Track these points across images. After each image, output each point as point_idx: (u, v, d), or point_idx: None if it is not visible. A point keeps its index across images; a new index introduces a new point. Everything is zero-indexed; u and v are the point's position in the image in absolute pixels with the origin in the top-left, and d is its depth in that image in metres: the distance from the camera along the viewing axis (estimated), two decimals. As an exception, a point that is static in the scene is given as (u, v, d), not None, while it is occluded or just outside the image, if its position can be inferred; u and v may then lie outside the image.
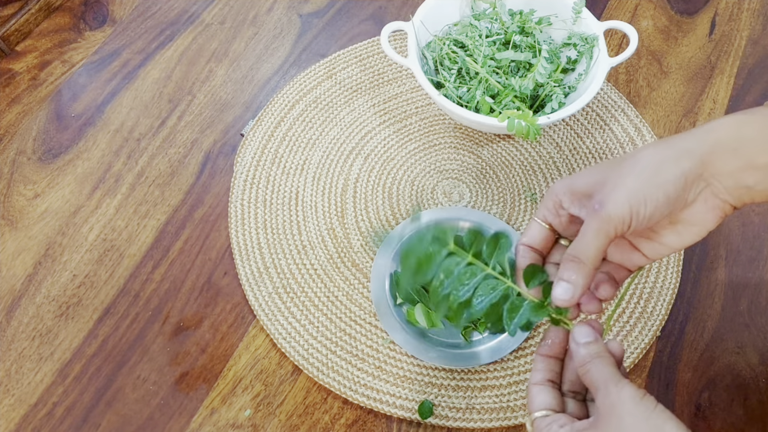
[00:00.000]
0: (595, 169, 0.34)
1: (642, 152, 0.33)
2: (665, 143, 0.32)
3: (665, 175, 0.31)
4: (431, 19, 0.69)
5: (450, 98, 0.66)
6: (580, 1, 0.67)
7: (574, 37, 0.68)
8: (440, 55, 0.69)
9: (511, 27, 0.69)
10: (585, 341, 0.34)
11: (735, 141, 0.31)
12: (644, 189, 0.31)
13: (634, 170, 0.32)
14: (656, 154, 0.32)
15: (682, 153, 0.31)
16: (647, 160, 0.31)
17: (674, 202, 0.31)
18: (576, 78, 0.68)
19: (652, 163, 0.31)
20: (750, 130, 0.31)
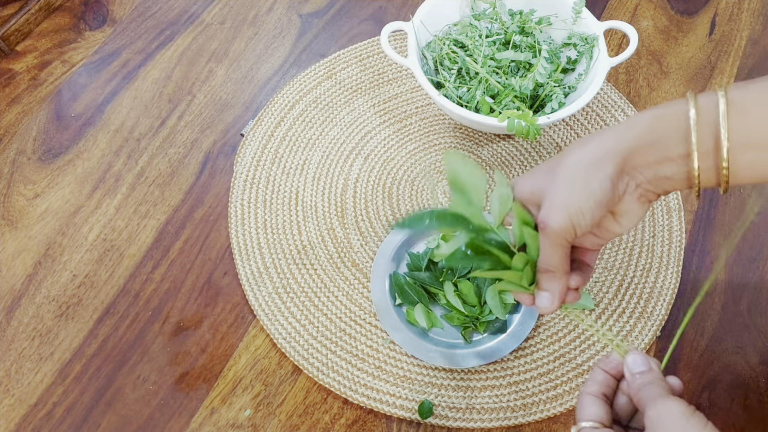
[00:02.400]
0: (533, 175, 0.37)
1: (569, 158, 0.35)
2: (588, 146, 0.35)
3: (593, 183, 0.34)
4: (431, 19, 0.69)
5: (450, 98, 0.66)
6: (580, 1, 0.67)
7: (574, 37, 0.68)
8: (440, 55, 0.69)
9: (511, 27, 0.69)
10: (639, 371, 0.36)
11: (652, 136, 0.33)
12: (578, 201, 0.34)
13: (565, 183, 0.35)
14: (581, 161, 0.34)
15: (603, 156, 0.34)
16: (574, 170, 0.34)
17: (607, 203, 0.35)
18: (576, 78, 0.68)
19: (579, 172, 0.34)
20: (665, 125, 0.33)
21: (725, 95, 0.32)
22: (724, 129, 0.31)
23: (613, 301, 0.64)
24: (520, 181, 0.39)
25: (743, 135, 0.32)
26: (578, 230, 0.35)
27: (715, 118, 0.32)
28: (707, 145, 0.32)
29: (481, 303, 0.61)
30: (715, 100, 0.32)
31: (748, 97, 0.32)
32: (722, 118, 0.31)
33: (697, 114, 0.32)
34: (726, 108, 0.31)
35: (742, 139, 0.32)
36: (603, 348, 0.61)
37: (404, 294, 0.62)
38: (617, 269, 0.65)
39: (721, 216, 0.69)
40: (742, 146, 0.32)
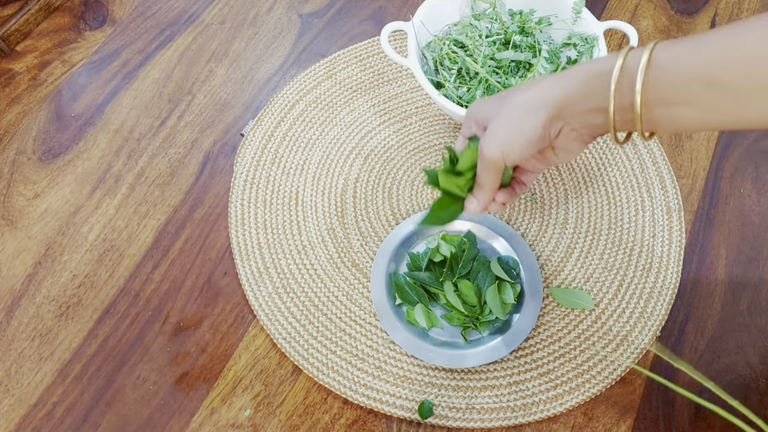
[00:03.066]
0: (487, 102, 0.43)
1: (513, 98, 0.40)
2: (531, 91, 0.40)
3: (526, 126, 0.40)
4: (431, 19, 0.69)
5: (450, 98, 0.66)
6: (580, 1, 0.67)
7: (574, 37, 0.68)
8: (440, 55, 0.69)
9: (511, 27, 0.69)
10: None
11: (585, 89, 0.38)
12: (511, 138, 0.40)
13: (504, 120, 0.41)
14: (522, 104, 0.40)
15: (540, 104, 0.39)
16: (514, 111, 0.40)
17: (537, 141, 0.40)
18: None
19: (517, 114, 0.40)
20: (597, 80, 0.37)
21: (651, 51, 0.34)
22: (639, 83, 0.34)
23: (613, 301, 0.64)
24: (476, 104, 0.44)
25: (659, 91, 0.35)
26: (508, 161, 0.42)
27: (635, 74, 0.35)
28: (627, 99, 0.36)
29: (481, 303, 0.61)
30: (642, 56, 0.35)
31: (671, 54, 0.34)
32: (639, 73, 0.34)
33: (620, 69, 0.35)
34: (646, 64, 0.34)
35: (657, 95, 0.35)
36: (603, 348, 0.61)
37: (404, 294, 0.62)
38: (617, 269, 0.65)
39: (721, 216, 0.69)
40: (657, 102, 0.35)
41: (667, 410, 0.59)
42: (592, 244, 0.67)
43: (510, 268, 0.63)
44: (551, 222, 0.68)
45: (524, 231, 0.67)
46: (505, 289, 0.61)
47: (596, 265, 0.66)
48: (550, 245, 0.67)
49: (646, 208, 0.69)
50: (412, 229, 0.65)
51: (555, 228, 0.68)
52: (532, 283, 0.62)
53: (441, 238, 0.64)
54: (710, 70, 0.33)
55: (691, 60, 0.33)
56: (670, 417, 0.59)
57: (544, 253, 0.66)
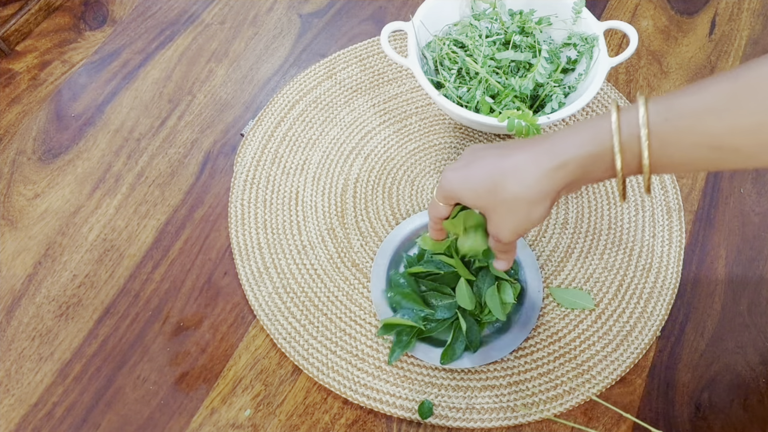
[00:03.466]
0: (473, 187, 0.42)
1: (510, 191, 0.40)
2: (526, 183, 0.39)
3: (534, 214, 0.41)
4: (431, 19, 0.69)
5: (450, 98, 0.66)
6: (580, 1, 0.67)
7: (574, 37, 0.68)
8: (440, 55, 0.69)
9: (511, 27, 0.69)
10: None
11: (582, 173, 0.38)
12: (523, 225, 0.42)
13: (509, 214, 0.41)
14: (522, 199, 0.40)
15: (542, 197, 0.40)
16: (518, 207, 0.40)
17: (545, 218, 0.42)
18: (576, 78, 0.68)
19: (523, 208, 0.40)
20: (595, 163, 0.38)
21: (647, 126, 0.35)
22: (646, 158, 0.35)
23: (613, 301, 0.64)
24: (456, 185, 0.43)
25: (662, 160, 0.36)
26: (522, 237, 0.45)
27: (637, 152, 0.36)
28: (630, 170, 0.37)
29: (481, 303, 0.61)
30: (637, 134, 0.35)
31: (672, 126, 0.34)
32: (644, 150, 0.35)
33: (621, 152, 0.36)
34: (647, 138, 0.35)
35: (660, 163, 0.36)
36: (603, 348, 0.61)
37: (397, 297, 0.61)
38: (617, 269, 0.65)
39: (721, 216, 0.69)
40: (660, 167, 0.36)
41: (667, 410, 0.59)
42: (592, 244, 0.67)
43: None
44: (551, 222, 0.68)
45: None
46: (505, 289, 0.61)
47: (596, 265, 0.66)
48: (550, 245, 0.67)
49: (646, 208, 0.69)
50: (412, 229, 0.65)
51: (555, 228, 0.68)
52: (532, 283, 0.62)
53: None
54: (715, 138, 0.33)
55: (695, 131, 0.33)
56: (670, 417, 0.59)
57: (544, 253, 0.66)
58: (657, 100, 0.35)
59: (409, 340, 0.59)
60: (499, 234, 0.44)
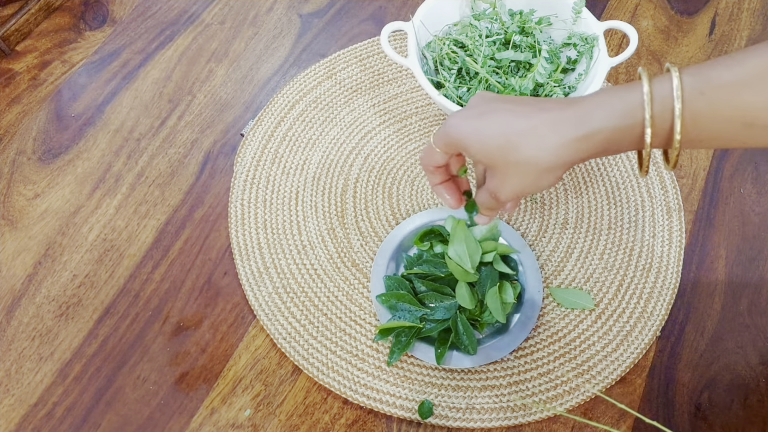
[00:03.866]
0: (484, 135, 0.39)
1: (525, 153, 0.37)
2: (547, 149, 0.37)
3: (543, 181, 0.39)
4: (431, 19, 0.69)
5: (450, 98, 0.66)
6: (580, 1, 0.67)
7: (574, 37, 0.68)
8: (440, 55, 0.69)
9: (511, 27, 0.69)
10: None
11: (605, 147, 0.36)
12: (528, 189, 0.39)
13: (518, 175, 0.39)
14: (537, 163, 0.37)
15: (557, 167, 0.37)
16: (529, 169, 0.38)
17: (551, 186, 0.40)
18: (576, 78, 0.68)
19: (533, 173, 0.38)
20: (620, 136, 0.35)
21: (681, 98, 0.33)
22: (677, 136, 0.34)
23: (613, 301, 0.64)
24: (469, 129, 0.40)
25: (691, 134, 0.34)
26: (521, 200, 0.43)
27: (668, 126, 0.34)
28: (659, 142, 0.35)
29: (481, 304, 0.61)
30: (670, 107, 0.34)
31: (707, 99, 0.33)
32: (677, 128, 0.34)
33: (651, 119, 0.34)
34: (681, 117, 0.33)
35: (689, 138, 0.34)
36: (603, 348, 0.61)
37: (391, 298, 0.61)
38: (617, 269, 0.65)
39: (721, 216, 0.69)
40: (689, 142, 0.35)
41: (667, 410, 0.59)
42: (592, 244, 0.67)
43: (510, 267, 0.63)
44: (551, 222, 0.68)
45: (524, 231, 0.67)
46: (505, 288, 0.61)
47: (596, 265, 0.66)
48: (550, 245, 0.67)
49: (646, 208, 0.69)
50: (412, 229, 0.65)
51: (555, 228, 0.68)
52: (532, 283, 0.62)
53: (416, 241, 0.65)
54: (750, 113, 0.32)
55: (731, 106, 0.32)
56: (670, 417, 0.59)
57: (544, 253, 0.66)
58: (690, 71, 0.34)
59: (408, 340, 0.59)
60: (498, 192, 0.41)
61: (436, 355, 0.58)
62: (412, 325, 0.59)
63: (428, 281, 0.62)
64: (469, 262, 0.60)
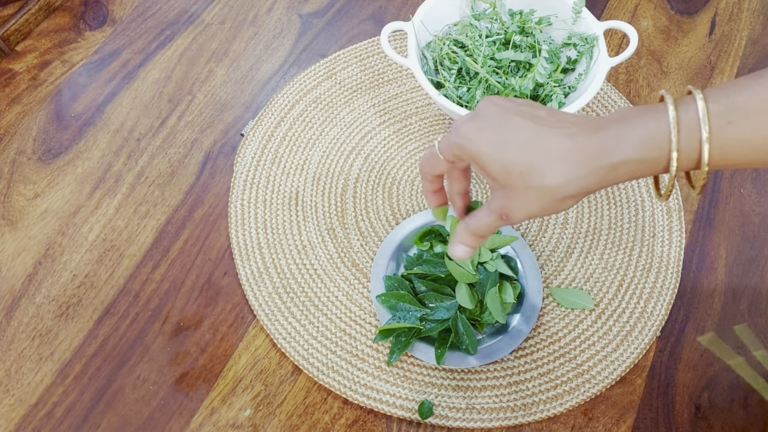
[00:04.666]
0: (504, 167, 0.36)
1: (549, 181, 0.35)
2: (571, 178, 0.35)
3: (561, 206, 0.37)
4: (431, 19, 0.69)
5: (450, 98, 0.66)
6: (580, 1, 0.67)
7: (574, 37, 0.68)
8: (440, 55, 0.69)
9: (511, 27, 0.69)
10: None
11: (633, 174, 0.35)
12: (542, 213, 0.37)
13: (537, 202, 0.36)
14: (561, 193, 0.36)
15: (578, 194, 0.36)
16: (550, 197, 0.36)
17: None
18: (576, 78, 0.68)
19: (552, 200, 0.36)
20: (646, 166, 0.34)
21: (708, 127, 0.32)
22: (705, 159, 0.33)
23: (613, 301, 0.64)
24: (487, 144, 0.37)
25: (718, 163, 0.33)
26: None
27: (695, 154, 0.33)
28: (683, 167, 0.34)
29: (481, 304, 0.61)
30: (697, 136, 0.33)
31: (735, 130, 0.32)
32: (704, 156, 0.33)
33: (677, 153, 0.33)
34: (708, 145, 0.32)
35: (715, 165, 0.33)
36: (603, 348, 0.61)
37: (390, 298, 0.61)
38: (617, 269, 0.65)
39: (721, 216, 0.69)
40: (714, 166, 0.34)
41: (667, 410, 0.59)
42: (592, 244, 0.67)
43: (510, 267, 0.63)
44: (551, 222, 0.68)
45: (524, 231, 0.67)
46: (505, 289, 0.61)
47: (596, 265, 0.66)
48: (550, 245, 0.67)
49: (646, 208, 0.69)
50: (412, 229, 0.65)
51: (555, 228, 0.68)
52: (532, 283, 0.62)
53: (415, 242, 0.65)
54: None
55: (760, 134, 0.32)
56: (670, 417, 0.59)
57: (544, 253, 0.66)
58: (714, 97, 0.33)
59: (407, 340, 0.59)
60: (511, 214, 0.38)
61: (436, 355, 0.58)
62: (413, 326, 0.59)
63: (428, 281, 0.62)
64: (469, 263, 0.60)
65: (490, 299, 0.59)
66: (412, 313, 0.60)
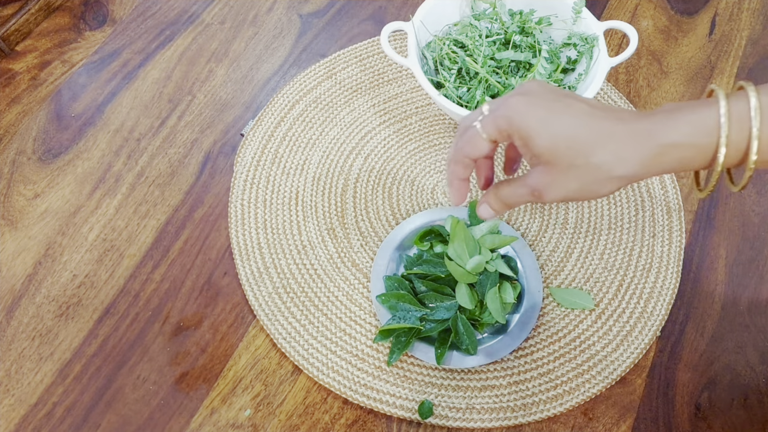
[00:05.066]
0: (553, 142, 0.36)
1: (600, 160, 0.35)
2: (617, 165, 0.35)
3: (602, 189, 0.36)
4: (431, 19, 0.69)
5: (450, 98, 0.66)
6: (580, 1, 0.67)
7: (574, 37, 0.68)
8: (440, 55, 0.69)
9: (511, 27, 0.69)
10: None
11: (677, 166, 0.35)
12: (580, 195, 0.37)
13: (579, 182, 0.36)
14: (605, 173, 0.35)
15: (624, 179, 0.36)
16: (593, 177, 0.36)
17: None
18: (576, 78, 0.68)
19: (598, 183, 0.36)
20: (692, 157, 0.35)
21: (759, 121, 0.32)
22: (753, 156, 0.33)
23: (613, 301, 0.64)
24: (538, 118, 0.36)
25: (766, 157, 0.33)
26: None
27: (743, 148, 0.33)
28: (730, 162, 0.34)
29: (481, 304, 0.61)
30: (746, 129, 0.33)
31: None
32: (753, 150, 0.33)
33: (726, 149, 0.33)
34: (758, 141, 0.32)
35: (762, 159, 0.33)
36: (603, 348, 0.61)
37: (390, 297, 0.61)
38: (617, 269, 0.65)
39: (721, 216, 0.69)
40: (761, 162, 0.34)
41: (667, 410, 0.59)
42: (592, 244, 0.67)
43: (510, 267, 0.63)
44: (551, 222, 0.68)
45: (524, 231, 0.67)
46: (505, 289, 0.61)
47: (596, 265, 0.66)
48: (550, 245, 0.67)
49: (646, 208, 0.69)
50: (412, 229, 0.65)
51: (555, 228, 0.68)
52: (532, 283, 0.62)
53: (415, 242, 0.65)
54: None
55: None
56: (670, 417, 0.59)
57: (544, 253, 0.66)
58: (766, 90, 0.33)
59: (407, 340, 0.59)
60: (545, 192, 0.37)
61: (436, 355, 0.58)
62: (413, 326, 0.59)
63: (428, 281, 0.62)
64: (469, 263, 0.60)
65: (490, 299, 0.59)
66: (412, 313, 0.60)
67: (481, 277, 0.61)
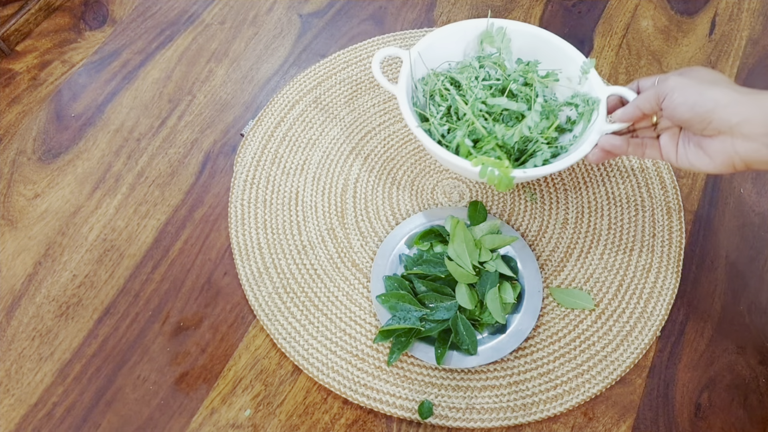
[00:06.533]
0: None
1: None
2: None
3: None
4: (431, 54, 0.65)
5: (432, 135, 0.63)
6: (590, 61, 0.63)
7: (576, 97, 0.64)
8: (432, 89, 0.66)
9: (512, 75, 0.66)
10: None
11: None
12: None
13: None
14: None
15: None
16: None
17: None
18: (570, 140, 0.64)
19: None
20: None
21: None
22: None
23: (613, 301, 0.64)
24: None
25: None
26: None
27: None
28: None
29: (481, 304, 0.61)
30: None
31: None
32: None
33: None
34: None
35: None
36: (603, 348, 0.61)
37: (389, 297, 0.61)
38: (617, 269, 0.65)
39: (721, 216, 0.69)
40: None
41: (667, 410, 0.59)
42: (592, 244, 0.67)
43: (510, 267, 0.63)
44: (551, 222, 0.68)
45: (524, 231, 0.67)
46: (505, 289, 0.61)
47: (596, 265, 0.66)
48: (550, 245, 0.67)
49: (646, 208, 0.69)
50: (412, 229, 0.65)
51: (555, 228, 0.68)
52: (532, 283, 0.63)
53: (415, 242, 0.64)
54: None
55: None
56: (670, 417, 0.59)
57: (544, 253, 0.66)
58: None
59: (407, 340, 0.59)
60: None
61: (436, 355, 0.58)
62: (413, 327, 0.59)
63: (428, 281, 0.62)
64: (469, 263, 0.60)
65: (490, 299, 0.59)
66: (412, 313, 0.60)
67: (481, 277, 0.61)
